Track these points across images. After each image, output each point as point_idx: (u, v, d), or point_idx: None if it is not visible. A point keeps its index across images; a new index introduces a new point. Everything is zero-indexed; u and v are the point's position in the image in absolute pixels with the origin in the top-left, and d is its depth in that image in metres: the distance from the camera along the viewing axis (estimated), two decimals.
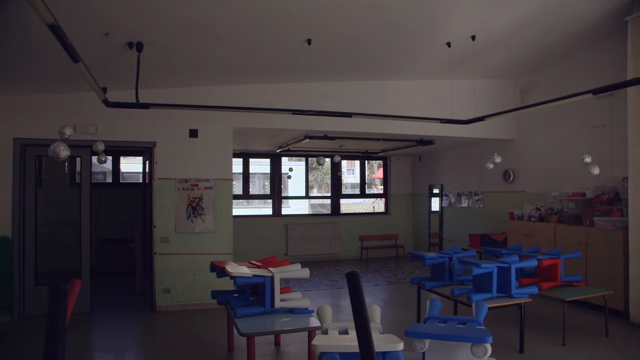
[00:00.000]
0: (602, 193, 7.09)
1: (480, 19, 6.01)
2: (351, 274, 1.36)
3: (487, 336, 3.18)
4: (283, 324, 4.38)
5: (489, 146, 9.70)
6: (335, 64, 7.13)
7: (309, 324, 4.33)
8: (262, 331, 4.20)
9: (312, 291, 8.41)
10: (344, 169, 16.57)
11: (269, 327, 4.32)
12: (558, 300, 5.51)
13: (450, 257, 5.91)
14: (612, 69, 6.74)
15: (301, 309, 4.64)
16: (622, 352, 5.20)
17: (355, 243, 12.82)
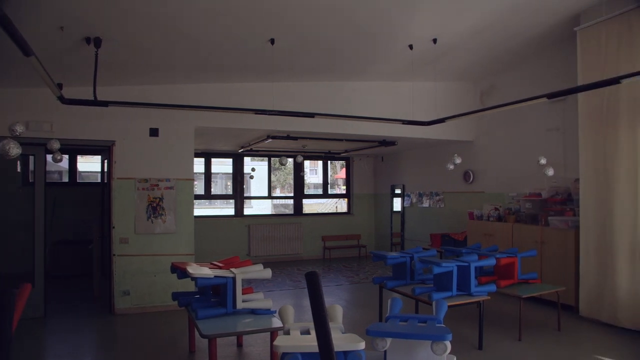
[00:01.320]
0: (556, 194, 7.35)
1: (442, 23, 6.13)
2: (310, 274, 1.36)
3: (446, 334, 3.24)
4: (245, 325, 4.35)
5: (450, 147, 9.89)
6: (299, 64, 7.13)
7: (271, 324, 4.32)
8: (224, 332, 4.15)
9: (274, 292, 8.37)
10: (306, 169, 16.58)
11: (231, 328, 4.27)
12: (515, 297, 5.68)
13: (411, 256, 6.00)
14: (565, 74, 6.98)
15: (263, 310, 4.62)
16: (573, 345, 5.42)
17: (317, 243, 12.84)
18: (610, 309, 6.01)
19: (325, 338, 1.27)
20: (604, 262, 6.10)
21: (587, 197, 6.36)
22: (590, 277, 6.27)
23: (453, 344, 5.20)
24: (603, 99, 6.14)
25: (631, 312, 5.80)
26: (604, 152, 6.13)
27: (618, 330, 5.88)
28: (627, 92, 5.86)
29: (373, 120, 7.22)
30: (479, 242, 7.98)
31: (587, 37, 6.33)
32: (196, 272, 4.43)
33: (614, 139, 6.00)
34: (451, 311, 5.49)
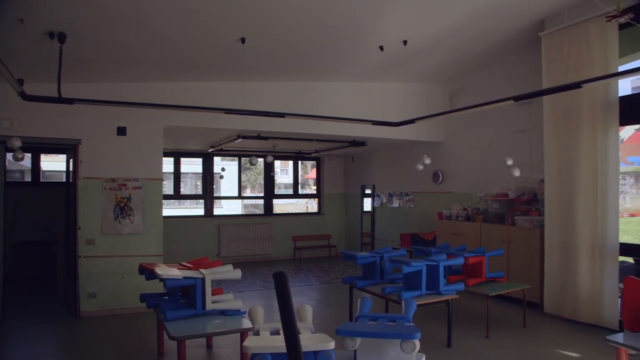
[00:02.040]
0: (522, 194, 7.53)
1: (412, 25, 6.20)
2: (278, 274, 1.36)
3: (415, 332, 3.28)
4: (214, 326, 4.31)
5: (419, 148, 10.01)
6: (270, 63, 7.10)
7: (241, 325, 4.30)
8: (193, 334, 4.11)
9: (244, 292, 8.33)
10: (277, 169, 16.53)
11: (200, 330, 4.23)
12: (482, 295, 5.81)
13: (381, 256, 6.05)
14: (532, 78, 7.15)
15: (233, 311, 4.59)
16: (537, 341, 5.57)
17: (288, 243, 12.83)
18: (572, 305, 6.20)
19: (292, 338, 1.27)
20: (567, 260, 6.29)
21: (551, 197, 6.54)
22: (554, 275, 6.45)
23: (422, 342, 5.27)
24: (566, 102, 6.33)
25: (591, 308, 6.00)
26: (567, 153, 6.32)
27: (579, 325, 6.08)
28: (588, 97, 6.06)
29: (343, 121, 7.25)
30: (448, 241, 8.12)
31: (551, 43, 6.51)
32: (165, 273, 4.37)
33: (577, 141, 6.19)
34: (420, 310, 5.56)
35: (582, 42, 6.09)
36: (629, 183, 15.55)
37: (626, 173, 15.06)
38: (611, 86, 5.87)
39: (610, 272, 5.86)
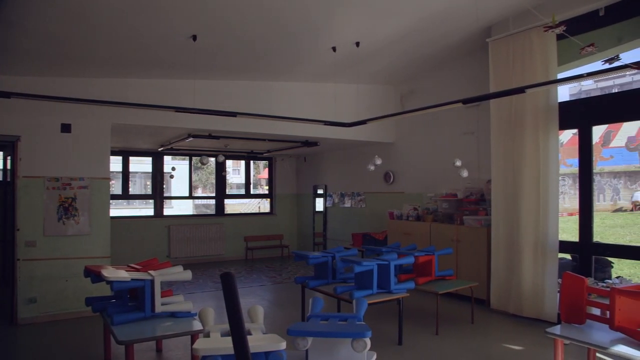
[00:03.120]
0: (470, 194, 7.76)
1: (364, 27, 6.28)
2: (225, 275, 1.36)
3: (366, 331, 3.32)
4: (164, 329, 4.22)
5: (371, 149, 10.15)
6: (222, 62, 7.02)
7: (192, 327, 4.23)
8: (142, 337, 4.01)
9: (195, 293, 8.19)
10: (229, 168, 16.35)
11: (149, 333, 4.13)
12: (432, 293, 5.97)
13: (333, 256, 6.09)
14: (480, 81, 7.38)
15: (183, 313, 4.51)
16: (484, 336, 5.78)
17: (240, 243, 12.72)
18: (516, 301, 6.45)
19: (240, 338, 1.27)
20: (512, 258, 6.53)
21: (497, 197, 6.78)
22: (500, 272, 6.69)
23: (374, 340, 5.35)
24: (511, 106, 6.57)
25: (533, 303, 6.26)
26: (512, 155, 6.57)
27: (523, 319, 6.33)
28: (531, 102, 6.32)
29: (296, 121, 7.26)
30: (399, 241, 8.27)
31: (497, 49, 6.75)
32: (112, 275, 4.24)
33: (521, 144, 6.44)
34: (372, 309, 5.64)
35: (525, 49, 6.35)
36: (568, 184, 16.33)
37: (565, 175, 15.81)
38: (551, 92, 6.15)
39: (550, 268, 6.13)
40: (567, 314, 3.97)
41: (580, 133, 6.26)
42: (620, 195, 18.30)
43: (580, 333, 3.73)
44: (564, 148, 15.20)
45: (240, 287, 8.80)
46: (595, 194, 17.59)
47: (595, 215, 6.29)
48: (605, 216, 16.71)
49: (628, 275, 9.81)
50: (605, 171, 19.07)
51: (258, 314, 3.80)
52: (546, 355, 4.96)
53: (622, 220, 15.93)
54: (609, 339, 3.57)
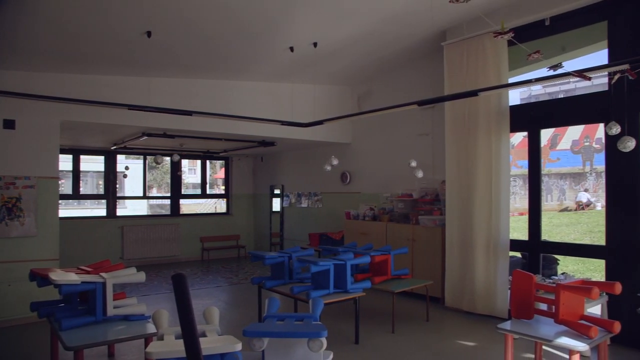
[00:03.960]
0: (425, 194, 7.91)
1: (322, 28, 6.30)
2: (177, 276, 1.33)
3: (322, 331, 3.33)
4: (116, 333, 4.10)
5: (328, 149, 10.19)
6: (177, 59, 6.89)
7: (145, 330, 4.12)
8: (92, 342, 3.87)
9: (150, 296, 8.01)
10: (185, 168, 16.06)
11: (100, 338, 4.00)
12: (388, 292, 6.04)
13: (289, 256, 6.08)
14: (435, 84, 7.51)
15: (137, 316, 4.39)
16: (438, 333, 5.89)
17: (196, 244, 12.52)
18: (470, 298, 6.62)
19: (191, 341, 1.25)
20: (465, 257, 6.70)
21: (451, 197, 6.93)
22: (454, 270, 6.85)
23: (331, 339, 5.37)
24: (465, 109, 6.74)
25: (485, 300, 6.45)
26: (466, 156, 6.73)
27: (476, 316, 6.51)
28: (484, 105, 6.50)
29: (253, 121, 7.21)
30: (355, 240, 8.34)
31: (452, 52, 6.91)
32: (60, 278, 4.08)
33: (474, 145, 6.61)
34: (329, 308, 5.66)
35: (479, 54, 6.53)
36: (519, 185, 16.89)
37: (516, 176, 16.35)
38: (503, 96, 6.35)
39: (502, 266, 6.33)
40: (516, 310, 4.11)
41: (530, 136, 6.48)
42: (566, 196, 19.09)
43: (528, 328, 3.88)
44: (515, 150, 15.73)
45: (196, 289, 8.66)
46: (544, 195, 18.31)
47: (543, 215, 6.54)
48: (552, 215, 17.40)
49: (572, 271, 10.24)
50: (553, 173, 19.86)
51: (213, 316, 3.75)
52: (497, 350, 5.11)
53: (568, 220, 16.61)
54: (554, 332, 3.74)
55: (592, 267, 10.68)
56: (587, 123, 6.83)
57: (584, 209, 17.51)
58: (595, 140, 18.80)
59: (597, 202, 17.42)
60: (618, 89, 5.25)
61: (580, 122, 6.74)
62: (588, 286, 3.73)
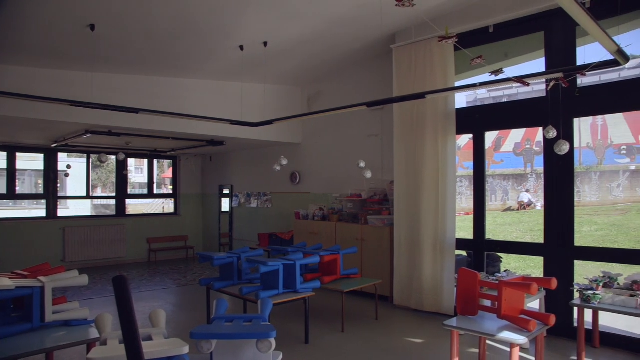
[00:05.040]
0: (374, 194, 8.02)
1: (273, 27, 6.27)
2: (117, 279, 1.29)
3: (271, 331, 3.31)
4: (55, 340, 3.92)
5: (278, 149, 10.16)
6: (123, 55, 6.67)
7: (88, 336, 3.96)
8: (27, 351, 3.68)
9: (94, 299, 7.73)
10: (131, 167, 15.62)
11: (37, 346, 3.80)
12: (338, 292, 6.07)
13: (238, 256, 6.02)
14: (385, 86, 7.64)
15: (78, 320, 4.21)
16: (387, 331, 5.98)
17: (143, 245, 12.20)
18: (417, 296, 6.76)
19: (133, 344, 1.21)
20: (413, 256, 6.83)
21: (400, 197, 7.06)
22: (402, 269, 6.97)
23: (281, 340, 5.35)
24: (413, 111, 6.87)
25: (433, 298, 6.60)
26: (414, 157, 6.87)
27: (424, 314, 6.65)
28: (431, 107, 6.66)
29: (201, 119, 7.08)
30: (305, 240, 8.36)
31: (401, 55, 7.03)
32: None
33: (421, 147, 6.75)
34: (279, 309, 5.64)
35: (426, 57, 6.68)
36: (465, 185, 17.42)
37: (462, 176, 16.86)
38: (449, 99, 6.52)
39: (448, 265, 6.49)
40: (462, 306, 4.24)
41: (475, 138, 6.69)
42: (509, 196, 19.84)
43: (473, 324, 4.01)
44: (462, 152, 16.20)
45: (143, 291, 8.43)
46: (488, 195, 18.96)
47: (488, 215, 6.76)
48: (496, 215, 18.06)
49: (514, 268, 10.67)
50: (497, 174, 20.60)
51: (160, 318, 3.66)
52: (444, 346, 5.24)
53: (510, 219, 17.29)
54: (496, 327, 3.89)
55: (532, 264, 11.15)
56: (527, 127, 7.13)
57: (526, 208, 18.27)
58: (535, 143, 19.66)
59: (537, 202, 18.20)
60: (554, 95, 5.51)
61: (521, 125, 7.05)
62: (527, 282, 3.90)
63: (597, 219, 15.43)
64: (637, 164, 17.43)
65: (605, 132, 18.45)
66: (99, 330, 3.53)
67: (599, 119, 18.10)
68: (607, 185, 17.39)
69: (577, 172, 16.56)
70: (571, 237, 5.60)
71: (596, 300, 4.68)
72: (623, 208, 16.28)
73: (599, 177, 17.71)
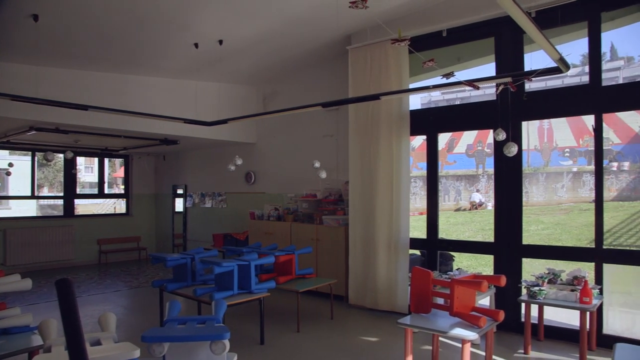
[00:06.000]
0: (329, 194, 8.05)
1: (228, 25, 6.19)
2: (61, 282, 1.24)
3: (224, 333, 3.27)
4: None
5: (233, 149, 10.05)
6: (71, 48, 6.43)
7: (30, 343, 3.79)
8: None
9: (39, 304, 7.41)
10: (81, 166, 15.10)
11: None
12: (293, 292, 6.07)
13: (192, 257, 5.92)
14: (341, 86, 7.66)
15: (20, 327, 4.02)
16: (343, 330, 6.02)
17: (93, 247, 11.82)
18: (372, 295, 6.83)
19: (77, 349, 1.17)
20: (368, 255, 6.90)
21: (354, 197, 7.11)
22: (357, 268, 7.03)
23: (236, 341, 5.30)
24: (368, 111, 6.94)
25: (387, 297, 6.68)
26: (368, 158, 6.94)
27: (378, 313, 6.73)
28: (386, 108, 6.74)
29: (154, 118, 6.90)
30: (260, 240, 8.31)
31: (356, 56, 7.09)
32: None
33: (376, 147, 6.83)
34: (233, 310, 5.58)
35: (382, 59, 6.76)
36: (419, 186, 17.74)
37: (416, 177, 17.16)
38: (404, 101, 6.62)
39: (402, 263, 6.59)
40: (415, 305, 4.31)
41: (428, 139, 6.82)
42: (461, 196, 20.36)
43: (426, 321, 4.08)
44: (416, 152, 16.50)
45: (92, 294, 8.17)
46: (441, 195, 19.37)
47: (441, 214, 6.91)
48: (449, 215, 18.50)
49: (466, 266, 10.96)
50: (450, 174, 21.10)
51: (109, 322, 3.55)
52: (398, 344, 5.32)
53: (463, 219, 17.75)
54: (449, 324, 3.98)
55: (483, 262, 11.48)
56: (479, 129, 7.34)
57: (477, 208, 18.80)
58: (487, 145, 20.24)
59: (488, 202, 18.75)
60: (504, 99, 5.70)
61: (473, 128, 7.24)
62: (478, 280, 4.01)
63: (544, 218, 16.07)
64: (579, 165, 18.27)
65: (550, 136, 19.21)
66: (43, 337, 3.39)
67: (545, 123, 18.82)
68: (552, 186, 18.14)
69: (525, 173, 17.21)
70: (519, 236, 5.81)
71: (541, 295, 4.89)
72: (566, 208, 17.02)
73: (545, 178, 18.44)
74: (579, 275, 5.05)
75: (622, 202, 15.68)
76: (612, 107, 5.49)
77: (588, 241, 11.36)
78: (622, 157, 16.78)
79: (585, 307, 4.63)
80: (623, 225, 13.46)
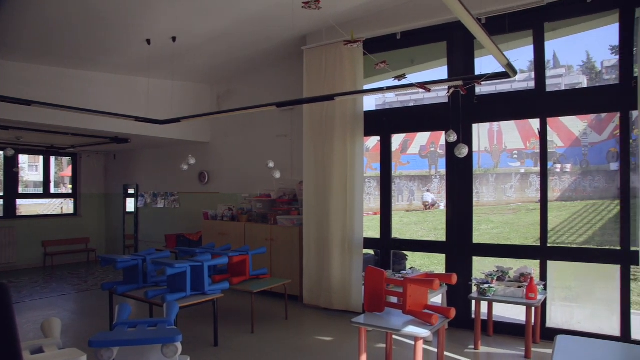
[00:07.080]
0: (283, 195, 8.03)
1: (182, 22, 6.08)
2: None
3: (176, 335, 3.21)
4: None
5: (186, 148, 9.88)
6: (13, 40, 6.14)
7: None
8: None
9: None
10: (24, 164, 14.47)
11: None
12: (247, 292, 6.02)
13: (144, 259, 5.77)
14: (296, 86, 7.66)
15: None
16: (297, 330, 6.03)
17: (37, 249, 11.32)
18: (327, 295, 6.86)
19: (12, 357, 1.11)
20: (322, 255, 6.93)
21: (309, 197, 7.13)
22: (311, 268, 7.04)
23: (189, 343, 5.21)
24: (322, 112, 6.97)
25: (341, 296, 6.73)
26: (323, 158, 6.97)
27: (333, 312, 6.76)
28: (340, 109, 6.79)
29: (104, 115, 6.68)
30: (214, 241, 8.20)
31: (311, 57, 7.11)
32: None
33: (331, 147, 6.87)
34: (187, 311, 5.48)
35: (337, 60, 6.80)
36: (373, 186, 17.97)
37: (371, 177, 17.38)
38: (358, 102, 6.69)
39: (356, 263, 6.65)
40: (369, 304, 4.37)
41: (382, 140, 6.92)
42: (415, 197, 20.77)
43: (379, 320, 4.14)
44: (370, 153, 16.71)
45: (36, 299, 7.84)
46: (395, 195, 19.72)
47: (394, 214, 7.03)
48: (403, 215, 18.82)
49: (419, 265, 11.18)
50: (404, 175, 21.49)
51: (53, 328, 3.41)
52: (352, 343, 5.36)
53: (416, 218, 18.10)
54: (402, 322, 4.05)
55: (435, 261, 11.75)
56: (431, 130, 7.53)
57: (430, 208, 19.22)
58: (439, 146, 20.74)
59: (440, 202, 19.21)
60: (455, 102, 5.85)
61: (426, 129, 7.41)
62: (430, 279, 4.10)
63: (493, 217, 16.61)
64: (527, 167, 18.99)
65: (500, 138, 19.88)
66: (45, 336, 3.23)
67: (495, 125, 19.48)
68: (501, 187, 18.78)
69: (476, 174, 17.75)
70: (470, 235, 5.98)
71: (491, 292, 5.05)
72: (515, 207, 17.65)
73: (495, 179, 19.07)
74: (526, 272, 5.26)
75: (565, 202, 16.44)
76: (555, 112, 5.74)
77: (534, 239, 11.84)
78: (564, 160, 17.60)
79: (531, 303, 4.84)
80: (565, 224, 14.11)
